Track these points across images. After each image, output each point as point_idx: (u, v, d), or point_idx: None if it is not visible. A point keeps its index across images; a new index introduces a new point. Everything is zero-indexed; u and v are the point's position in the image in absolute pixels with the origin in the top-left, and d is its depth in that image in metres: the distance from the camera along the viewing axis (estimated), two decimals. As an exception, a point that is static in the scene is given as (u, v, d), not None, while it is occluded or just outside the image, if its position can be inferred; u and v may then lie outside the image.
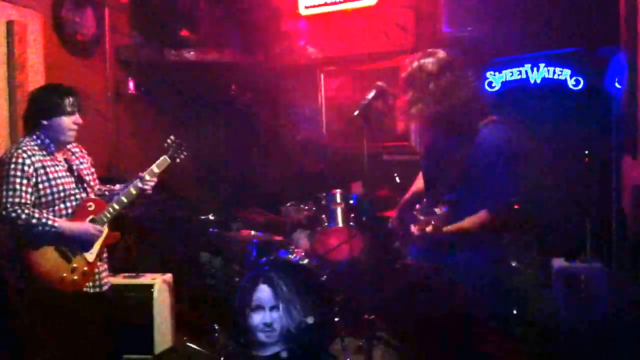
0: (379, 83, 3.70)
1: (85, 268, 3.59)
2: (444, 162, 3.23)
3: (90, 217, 3.64)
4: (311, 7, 6.09)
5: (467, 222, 3.12)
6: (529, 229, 4.82)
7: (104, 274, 3.76)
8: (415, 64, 3.23)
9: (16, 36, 4.66)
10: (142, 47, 6.20)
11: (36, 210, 3.45)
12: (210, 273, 5.15)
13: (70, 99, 3.57)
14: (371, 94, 3.64)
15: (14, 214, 3.39)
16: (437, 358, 3.07)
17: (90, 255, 3.62)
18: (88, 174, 3.77)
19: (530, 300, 4.65)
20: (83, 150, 3.84)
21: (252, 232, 4.82)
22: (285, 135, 6.61)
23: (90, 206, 3.66)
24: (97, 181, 3.86)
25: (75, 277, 3.54)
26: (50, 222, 3.45)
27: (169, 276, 4.66)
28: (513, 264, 4.72)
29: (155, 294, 4.45)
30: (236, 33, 6.45)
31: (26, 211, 3.41)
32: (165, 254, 5.31)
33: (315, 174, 5.47)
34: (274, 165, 6.40)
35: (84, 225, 3.58)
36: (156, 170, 3.83)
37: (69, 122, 3.58)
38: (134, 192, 3.74)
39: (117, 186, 3.86)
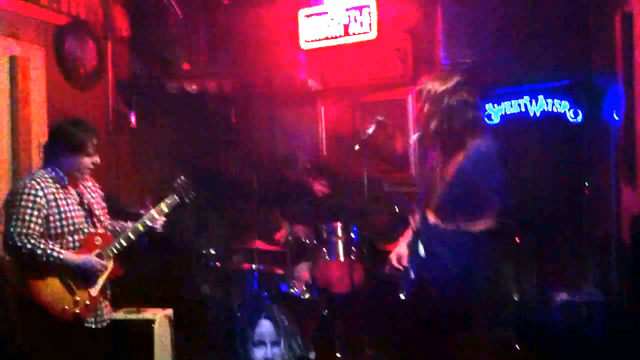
0: (379, 117, 3.77)
1: (88, 302, 3.59)
2: (438, 176, 3.31)
3: (97, 251, 3.65)
4: (312, 41, 6.13)
5: (473, 224, 3.19)
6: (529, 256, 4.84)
7: (105, 310, 3.76)
8: (432, 83, 3.32)
9: (19, 71, 4.72)
10: (143, 79, 6.26)
11: (42, 241, 3.46)
12: (211, 306, 5.13)
13: (95, 140, 3.63)
14: (371, 129, 3.72)
15: (19, 244, 3.41)
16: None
17: (94, 290, 3.63)
18: (98, 209, 3.79)
19: (531, 331, 4.65)
20: (96, 184, 3.87)
21: (253, 265, 4.81)
22: (285, 166, 6.63)
23: (97, 240, 3.68)
24: (107, 216, 3.88)
25: (77, 310, 3.55)
26: (55, 254, 3.46)
27: (169, 311, 4.64)
28: (513, 296, 4.72)
29: (156, 329, 4.42)
30: (237, 65, 6.52)
31: (32, 241, 3.43)
32: (166, 287, 5.30)
33: (320, 201, 5.47)
34: (275, 196, 6.41)
35: (90, 259, 3.59)
36: (165, 209, 3.86)
37: (89, 162, 3.63)
38: (141, 228, 3.77)
39: (128, 223, 3.88)
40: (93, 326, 3.66)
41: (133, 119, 6.18)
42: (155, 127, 6.44)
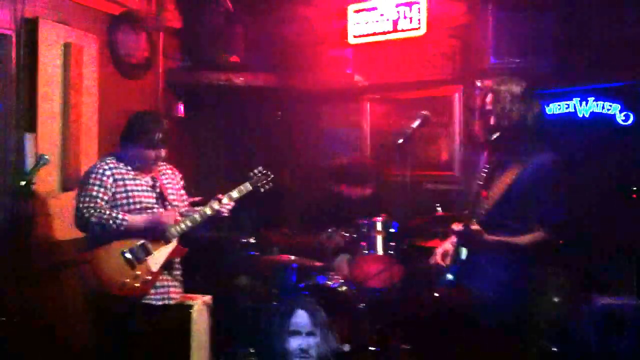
0: (424, 112, 3.75)
1: (148, 277, 3.72)
2: (493, 182, 3.27)
3: None
4: (360, 36, 6.13)
5: (521, 238, 3.22)
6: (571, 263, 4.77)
7: (172, 289, 3.87)
8: (502, 85, 3.35)
9: (72, 58, 4.83)
10: (193, 71, 6.35)
11: (107, 210, 3.61)
12: (248, 296, 5.17)
13: (157, 135, 3.76)
14: (416, 123, 3.70)
15: (86, 215, 3.60)
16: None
17: (155, 265, 3.75)
18: (173, 194, 3.92)
19: (572, 336, 4.57)
20: (176, 172, 4.02)
21: (292, 257, 4.83)
22: (331, 160, 6.64)
23: None
24: (185, 203, 4.00)
25: (137, 284, 3.66)
26: (120, 216, 3.63)
27: (208, 297, 4.69)
28: (555, 299, 4.64)
29: (195, 315, 4.48)
30: (284, 59, 6.55)
31: (96, 212, 3.60)
32: (205, 274, 5.36)
33: (362, 199, 5.45)
34: (317, 189, 6.42)
35: (154, 215, 3.74)
36: (235, 195, 4.02)
37: (152, 155, 3.79)
38: (208, 212, 3.92)
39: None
40: (157, 303, 3.77)
41: (182, 109, 6.27)
42: (202, 119, 6.53)
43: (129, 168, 3.78)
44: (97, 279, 3.64)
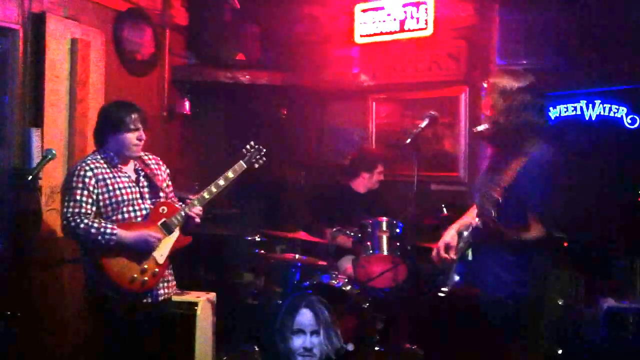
0: (432, 112, 3.72)
1: (156, 269, 3.67)
2: (495, 180, 3.26)
3: (162, 220, 3.72)
4: (367, 35, 6.13)
5: (529, 233, 3.16)
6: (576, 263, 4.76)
7: (172, 283, 3.85)
8: (506, 78, 3.30)
9: (79, 53, 4.83)
10: (199, 68, 6.34)
11: (96, 220, 3.52)
12: (252, 294, 5.16)
13: (134, 116, 3.67)
14: (424, 123, 3.68)
15: (73, 223, 3.49)
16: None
17: (161, 257, 3.69)
18: (163, 181, 3.85)
19: (577, 338, 4.56)
20: (160, 162, 3.93)
21: (296, 256, 4.83)
22: (334, 159, 6.63)
23: (163, 210, 3.76)
24: (172, 194, 3.92)
25: (146, 278, 3.62)
26: (109, 230, 3.51)
27: (212, 295, 4.69)
28: (560, 302, 4.63)
29: (199, 312, 4.48)
30: (291, 57, 6.55)
31: (85, 220, 3.49)
32: (209, 272, 5.36)
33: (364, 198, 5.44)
34: (321, 188, 6.42)
35: (142, 233, 3.62)
36: (231, 175, 3.89)
37: (132, 138, 3.67)
38: (206, 196, 3.82)
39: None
40: (160, 298, 3.72)
41: (187, 106, 6.27)
42: (207, 116, 6.53)
43: (107, 165, 3.65)
44: (107, 274, 3.55)
